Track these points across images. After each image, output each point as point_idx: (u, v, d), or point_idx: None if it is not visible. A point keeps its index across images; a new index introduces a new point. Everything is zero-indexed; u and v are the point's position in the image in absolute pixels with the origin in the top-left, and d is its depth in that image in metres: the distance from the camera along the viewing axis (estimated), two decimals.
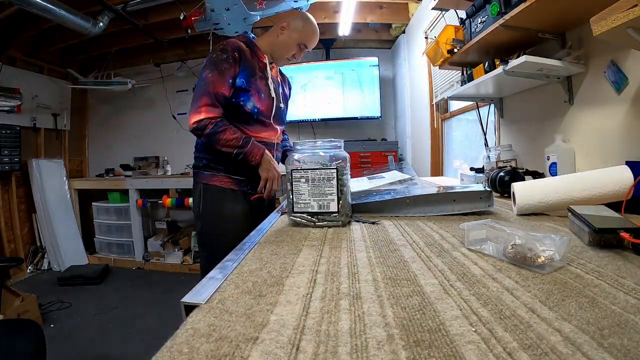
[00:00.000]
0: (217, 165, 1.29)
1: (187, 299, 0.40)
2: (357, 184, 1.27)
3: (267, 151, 1.26)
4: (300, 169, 0.78)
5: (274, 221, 0.90)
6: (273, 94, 1.35)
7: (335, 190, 0.76)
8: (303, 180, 0.77)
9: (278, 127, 1.42)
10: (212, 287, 0.44)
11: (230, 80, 1.23)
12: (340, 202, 0.76)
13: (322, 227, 0.76)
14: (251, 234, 0.77)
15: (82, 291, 3.07)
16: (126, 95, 4.19)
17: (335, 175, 0.76)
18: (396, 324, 0.33)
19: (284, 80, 1.57)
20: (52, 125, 3.94)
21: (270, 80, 1.35)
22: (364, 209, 0.93)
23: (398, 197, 0.92)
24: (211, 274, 0.49)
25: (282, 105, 1.45)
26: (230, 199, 1.29)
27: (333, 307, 0.37)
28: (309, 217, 0.77)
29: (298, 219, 0.79)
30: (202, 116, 1.18)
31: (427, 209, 0.88)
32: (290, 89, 1.65)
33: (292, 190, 0.78)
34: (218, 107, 1.21)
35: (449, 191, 0.91)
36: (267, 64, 1.36)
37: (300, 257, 0.56)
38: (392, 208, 0.91)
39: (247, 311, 0.37)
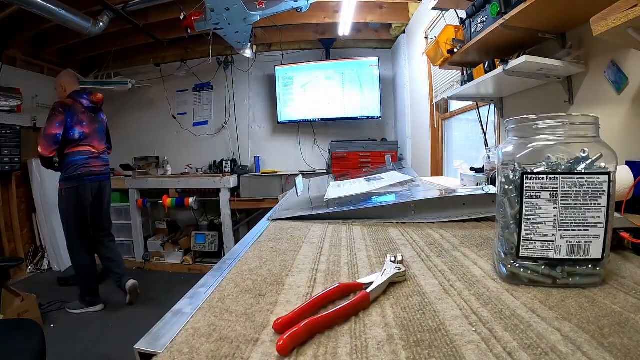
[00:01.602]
0: (63, 176, 2.44)
1: (144, 344, 0.32)
2: (354, 187, 1.25)
3: None
4: (536, 174, 0.40)
5: (262, 231, 0.77)
6: (94, 124, 2.62)
7: (603, 217, 0.39)
8: (544, 194, 0.40)
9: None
10: (175, 327, 0.34)
11: (59, 122, 2.35)
12: (607, 239, 0.40)
13: (566, 287, 0.41)
14: (235, 247, 0.67)
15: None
16: (126, 95, 4.19)
17: (606, 186, 0.39)
18: (396, 324, 0.33)
19: (95, 110, 2.70)
20: None
21: (83, 117, 2.52)
22: (366, 214, 0.83)
23: (401, 201, 0.83)
24: (178, 306, 0.40)
25: (102, 129, 2.78)
26: (72, 196, 2.44)
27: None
28: (547, 271, 0.41)
29: (529, 273, 0.42)
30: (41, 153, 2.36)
31: (434, 214, 0.79)
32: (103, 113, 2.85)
33: (519, 215, 0.41)
34: (51, 146, 2.36)
35: (458, 195, 0.82)
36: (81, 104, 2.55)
37: (300, 255, 0.56)
38: (394, 214, 0.81)
39: (247, 311, 0.37)
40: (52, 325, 2.40)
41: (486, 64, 1.45)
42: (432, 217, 0.80)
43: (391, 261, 0.47)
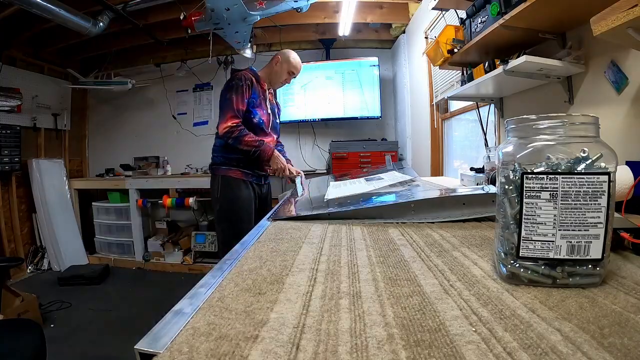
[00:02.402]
0: (232, 162, 1.76)
1: (144, 345, 0.32)
2: (354, 187, 1.25)
3: (276, 150, 1.76)
4: (536, 174, 0.40)
5: (262, 230, 0.77)
6: (269, 111, 1.86)
7: (603, 217, 0.39)
8: (544, 194, 0.40)
9: (274, 136, 1.92)
10: (175, 327, 0.34)
11: (246, 100, 1.71)
12: (607, 239, 0.40)
13: (565, 287, 0.41)
14: (235, 247, 0.66)
15: (82, 291, 3.07)
16: (126, 95, 4.19)
17: (606, 186, 0.39)
18: (396, 323, 0.33)
19: (276, 102, 2.07)
20: (52, 125, 3.94)
21: (267, 101, 1.87)
22: (366, 214, 0.83)
23: (401, 201, 0.83)
24: (179, 306, 0.40)
25: (277, 120, 1.96)
26: (242, 186, 1.77)
27: (333, 306, 0.37)
28: (547, 271, 0.41)
29: (529, 273, 0.42)
30: (229, 123, 1.65)
31: (434, 214, 0.79)
32: (280, 109, 2.11)
33: (519, 215, 0.42)
34: (239, 118, 1.68)
35: (458, 194, 0.82)
36: (266, 89, 1.87)
37: (300, 255, 0.56)
38: (394, 214, 0.81)
39: (247, 309, 0.37)
40: (52, 325, 2.40)
41: (486, 64, 1.45)
42: (431, 216, 0.80)
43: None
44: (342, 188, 1.24)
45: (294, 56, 1.89)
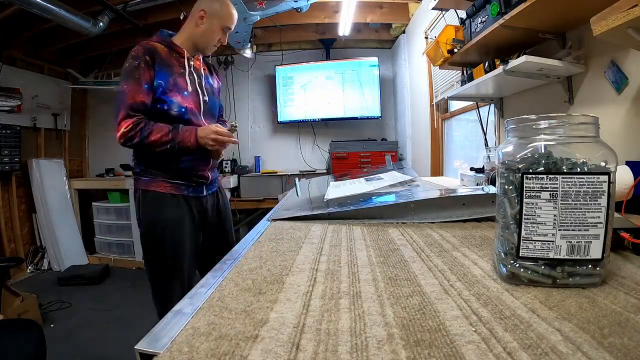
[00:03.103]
0: (153, 170, 1.26)
1: (144, 345, 0.31)
2: (354, 187, 1.25)
3: (199, 128, 1.22)
4: (536, 174, 0.40)
5: (262, 231, 0.76)
6: (197, 89, 1.31)
7: (603, 217, 0.39)
8: (544, 194, 0.40)
9: (210, 124, 1.33)
10: (176, 327, 0.34)
11: (147, 86, 1.20)
12: (607, 239, 0.40)
13: (565, 287, 0.41)
14: (235, 247, 0.66)
15: (82, 291, 3.07)
16: None
17: (606, 187, 0.39)
18: (396, 323, 0.33)
19: (212, 72, 1.49)
20: (52, 125, 3.94)
21: (189, 74, 1.30)
22: (366, 214, 0.83)
23: (401, 201, 0.83)
24: (179, 306, 0.39)
25: (206, 98, 1.35)
26: (169, 204, 1.25)
27: (333, 306, 0.37)
28: (547, 271, 0.41)
29: (529, 273, 0.42)
30: (122, 129, 1.16)
31: (434, 214, 0.79)
32: (219, 79, 1.54)
33: (519, 215, 0.41)
34: (135, 116, 1.18)
35: (458, 195, 0.82)
36: (187, 58, 1.31)
37: (300, 255, 0.56)
38: (394, 214, 0.81)
39: (247, 308, 0.37)
40: (52, 325, 2.40)
41: (486, 64, 1.45)
42: (431, 217, 0.80)
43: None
44: (342, 188, 1.24)
45: (225, 4, 1.34)
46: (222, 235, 1.44)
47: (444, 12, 2.21)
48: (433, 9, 1.97)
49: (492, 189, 0.84)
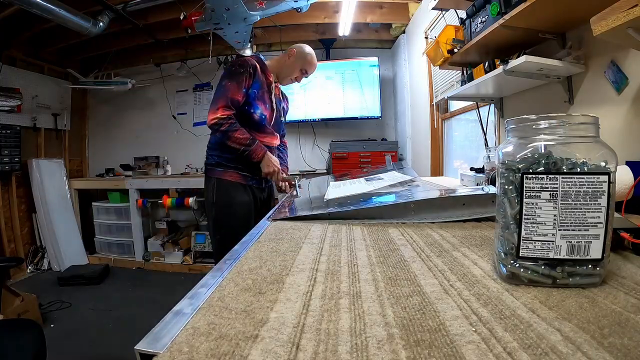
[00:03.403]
0: (228, 163, 1.53)
1: (144, 345, 0.32)
2: (354, 187, 1.25)
3: (268, 152, 1.52)
4: (536, 174, 0.40)
5: (262, 230, 0.77)
6: (274, 106, 1.63)
7: (603, 217, 0.39)
8: (544, 194, 0.40)
9: (277, 135, 1.71)
10: (176, 327, 0.34)
11: (245, 90, 1.47)
12: (607, 239, 0.40)
13: (565, 287, 0.41)
14: (235, 247, 0.66)
15: (82, 291, 3.07)
16: (126, 95, 4.19)
17: (606, 186, 0.39)
18: (396, 323, 0.33)
19: (285, 98, 1.85)
20: (52, 125, 3.94)
21: (273, 95, 1.63)
22: (366, 214, 0.83)
23: (401, 201, 0.83)
24: (179, 306, 0.40)
25: (282, 118, 1.72)
26: (240, 190, 1.55)
27: (333, 306, 0.37)
28: (547, 271, 0.41)
29: (529, 273, 0.42)
30: (219, 114, 1.41)
31: (434, 214, 0.79)
32: (288, 105, 1.93)
33: (519, 215, 0.41)
34: (232, 110, 1.44)
35: (458, 195, 0.82)
36: (273, 82, 1.63)
37: (300, 255, 0.56)
38: (394, 214, 0.81)
39: (247, 308, 0.37)
40: (52, 325, 2.40)
41: (486, 64, 1.45)
42: (431, 217, 0.80)
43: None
44: (342, 188, 1.24)
45: (310, 53, 1.68)
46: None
47: (444, 12, 2.21)
48: (433, 9, 1.97)
49: (491, 189, 0.84)
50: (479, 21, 1.40)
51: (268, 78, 1.60)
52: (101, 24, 2.97)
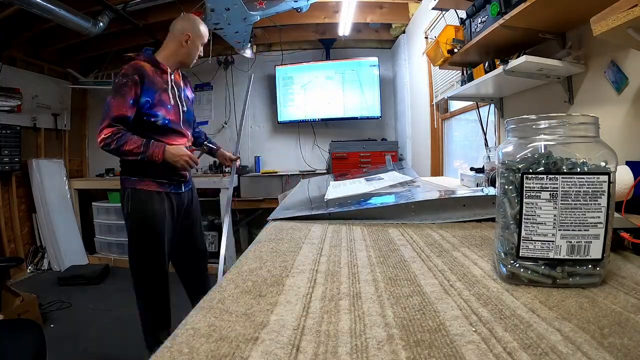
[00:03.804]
0: (141, 171, 1.48)
1: None
2: (355, 187, 1.25)
3: (167, 145, 1.43)
4: (536, 174, 0.40)
5: (262, 230, 0.77)
6: (179, 102, 1.55)
7: (603, 217, 0.39)
8: (544, 194, 0.40)
9: (188, 132, 1.63)
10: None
11: (132, 101, 1.40)
12: (607, 239, 0.40)
13: (565, 287, 0.41)
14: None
15: (82, 291, 3.07)
16: None
17: (606, 186, 0.39)
18: (396, 324, 0.33)
19: (186, 81, 1.70)
20: (52, 125, 3.94)
21: (171, 89, 1.52)
22: (366, 214, 0.82)
23: (401, 202, 0.83)
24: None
25: (185, 109, 1.59)
26: (154, 199, 1.49)
27: (333, 307, 0.37)
28: (547, 271, 0.41)
29: (529, 273, 0.42)
30: (102, 135, 1.37)
31: (434, 215, 0.79)
32: (192, 87, 1.79)
33: (519, 216, 0.41)
34: (115, 126, 1.38)
35: (459, 196, 0.82)
36: (169, 76, 1.53)
37: (300, 256, 0.56)
38: (395, 214, 0.80)
39: (247, 311, 0.37)
40: (52, 325, 2.40)
41: (486, 64, 1.45)
42: (432, 218, 0.79)
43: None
44: (342, 188, 1.24)
45: (201, 25, 1.58)
46: (192, 242, 1.70)
47: (444, 12, 2.21)
48: (433, 9, 1.97)
49: (491, 191, 0.84)
50: (479, 21, 1.40)
51: (163, 76, 1.50)
52: (101, 24, 2.97)
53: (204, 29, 1.58)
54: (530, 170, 0.40)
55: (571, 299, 0.37)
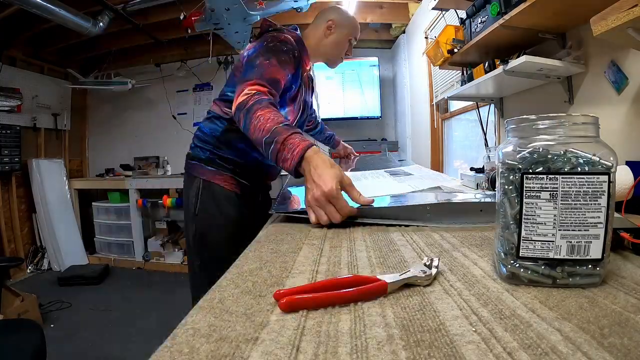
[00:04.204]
0: (223, 163, 1.10)
1: None
2: (383, 183, 1.04)
3: (315, 147, 0.76)
4: (536, 174, 0.40)
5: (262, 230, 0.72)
6: (301, 105, 1.20)
7: (603, 217, 0.40)
8: (544, 194, 0.40)
9: None
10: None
11: (290, 75, 1.02)
12: (607, 239, 0.40)
13: (565, 287, 0.41)
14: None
15: (82, 291, 3.08)
16: (126, 95, 4.19)
17: (606, 186, 0.39)
18: (396, 324, 0.33)
19: (312, 81, 1.38)
20: (52, 125, 3.95)
21: (304, 89, 1.20)
22: (377, 214, 0.75)
23: (418, 203, 0.77)
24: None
25: (304, 116, 1.29)
26: (234, 203, 1.13)
27: (333, 308, 0.37)
28: (547, 271, 0.41)
29: (529, 273, 0.41)
30: (246, 89, 0.87)
31: (450, 219, 0.74)
32: (314, 86, 1.46)
33: (519, 216, 0.41)
34: (267, 87, 0.90)
35: (476, 201, 0.79)
36: (309, 70, 1.21)
37: (300, 256, 0.56)
38: (410, 215, 0.74)
39: (247, 311, 0.37)
40: (52, 325, 2.40)
41: (486, 64, 1.46)
42: (447, 221, 0.75)
43: (425, 264, 0.46)
44: (365, 183, 1.04)
45: (351, 15, 1.28)
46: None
47: (444, 12, 2.21)
48: (433, 9, 1.97)
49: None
50: (479, 21, 1.40)
51: (305, 67, 1.16)
52: (101, 24, 2.98)
53: (351, 19, 1.25)
54: (530, 170, 0.40)
55: (571, 299, 0.37)
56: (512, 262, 0.42)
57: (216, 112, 1.12)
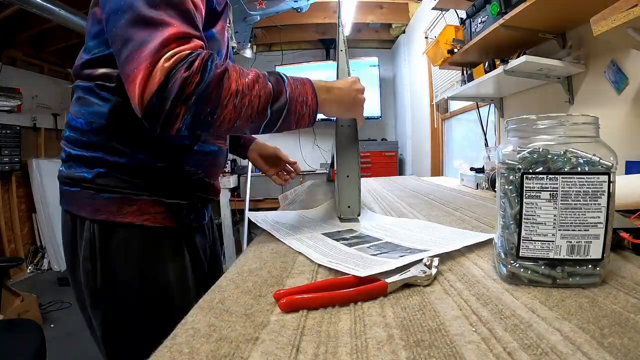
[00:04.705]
0: (129, 177, 0.62)
1: None
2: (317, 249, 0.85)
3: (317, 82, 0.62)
4: (536, 174, 0.40)
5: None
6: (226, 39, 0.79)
7: (603, 217, 0.39)
8: (544, 194, 0.40)
9: None
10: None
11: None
12: (607, 239, 0.39)
13: (565, 287, 0.40)
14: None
15: None
16: None
17: (606, 186, 0.39)
18: (396, 324, 0.33)
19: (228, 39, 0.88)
20: (52, 125, 3.94)
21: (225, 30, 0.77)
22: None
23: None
24: None
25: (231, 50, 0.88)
26: (167, 250, 0.66)
27: (333, 308, 0.37)
28: (547, 271, 0.41)
29: (529, 273, 0.41)
30: (174, 49, 0.49)
31: None
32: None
33: (519, 216, 0.41)
34: (194, 38, 0.52)
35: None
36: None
37: (300, 257, 0.56)
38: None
39: (247, 311, 0.37)
40: (52, 325, 2.40)
41: (486, 64, 1.46)
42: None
43: (425, 264, 0.46)
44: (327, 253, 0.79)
45: None
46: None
47: (444, 12, 2.21)
48: (433, 9, 1.97)
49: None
50: (479, 21, 1.41)
51: None
52: None
53: None
54: (530, 170, 0.40)
55: (571, 299, 0.37)
56: (512, 262, 0.42)
57: (87, 82, 0.63)
